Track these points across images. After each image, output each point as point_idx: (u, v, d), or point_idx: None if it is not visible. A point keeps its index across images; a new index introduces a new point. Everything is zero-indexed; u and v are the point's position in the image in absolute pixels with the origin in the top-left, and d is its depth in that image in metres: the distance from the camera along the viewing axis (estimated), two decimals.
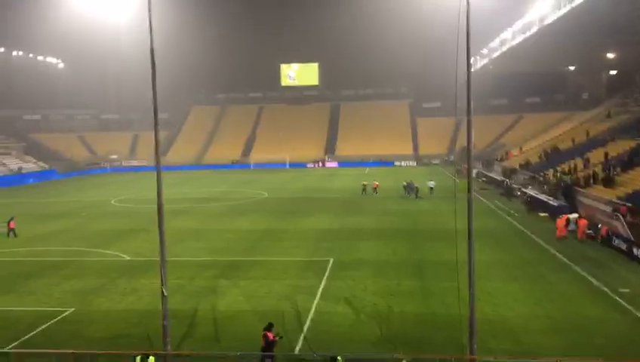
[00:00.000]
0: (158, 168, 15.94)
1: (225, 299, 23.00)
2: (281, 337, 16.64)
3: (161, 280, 15.76)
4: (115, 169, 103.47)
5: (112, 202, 55.95)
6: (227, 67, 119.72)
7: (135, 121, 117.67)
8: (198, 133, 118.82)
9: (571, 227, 34.08)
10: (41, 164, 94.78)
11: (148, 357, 14.98)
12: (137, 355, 15.19)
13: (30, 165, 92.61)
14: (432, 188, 55.09)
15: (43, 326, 20.33)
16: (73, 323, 20.78)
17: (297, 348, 17.93)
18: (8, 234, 37.32)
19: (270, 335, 16.34)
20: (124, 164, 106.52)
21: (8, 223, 37.74)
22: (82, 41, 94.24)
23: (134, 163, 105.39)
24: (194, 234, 37.53)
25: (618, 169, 42.58)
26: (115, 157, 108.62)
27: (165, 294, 15.60)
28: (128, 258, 30.99)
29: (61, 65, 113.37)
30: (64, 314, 21.64)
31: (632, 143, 48.33)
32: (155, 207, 17.45)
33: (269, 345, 16.22)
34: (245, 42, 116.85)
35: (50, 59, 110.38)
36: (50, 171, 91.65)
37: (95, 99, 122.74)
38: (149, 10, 15.17)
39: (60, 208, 52.44)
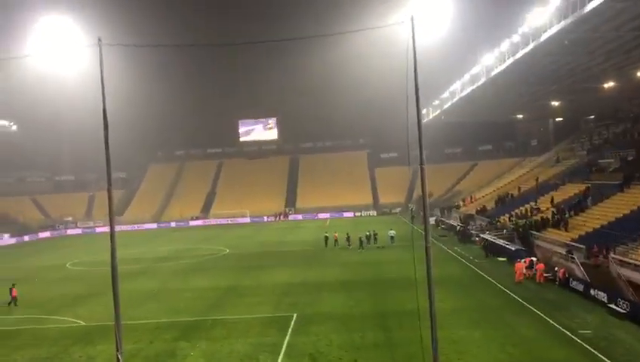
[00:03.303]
0: (112, 227, 15.59)
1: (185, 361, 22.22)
2: None
3: (116, 346, 15.16)
4: (70, 231, 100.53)
5: (67, 266, 54.05)
6: (185, 124, 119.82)
7: (91, 182, 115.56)
8: (156, 191, 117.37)
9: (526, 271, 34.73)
10: None
11: None
12: None
13: None
14: (392, 237, 55.36)
15: None
16: None
17: None
18: (10, 303, 35.11)
19: None
20: (79, 225, 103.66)
21: (10, 291, 35.48)
22: (36, 102, 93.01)
23: (90, 224, 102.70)
24: (153, 295, 36.48)
25: (571, 212, 43.91)
26: (69, 218, 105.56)
27: (120, 360, 14.98)
28: (84, 323, 29.76)
29: (14, 127, 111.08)
30: None
31: (582, 187, 50.14)
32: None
33: None
34: (203, 99, 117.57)
35: (2, 122, 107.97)
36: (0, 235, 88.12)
37: (49, 160, 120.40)
38: (101, 66, 15.21)
39: (11, 274, 50.11)
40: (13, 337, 27.49)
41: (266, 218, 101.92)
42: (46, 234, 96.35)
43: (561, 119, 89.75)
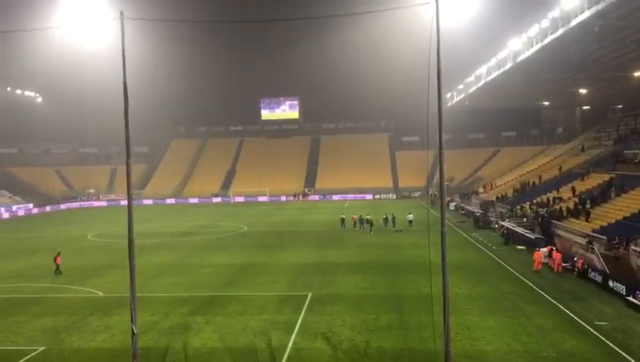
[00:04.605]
0: (129, 200, 15.75)
1: (199, 336, 22.49)
2: None
3: (131, 318, 15.40)
4: (92, 203, 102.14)
5: (89, 237, 55.03)
6: (208, 101, 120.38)
7: (114, 155, 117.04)
8: (177, 166, 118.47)
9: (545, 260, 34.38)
10: (17, 198, 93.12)
11: None
12: None
13: (5, 199, 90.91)
14: (410, 221, 55.25)
15: None
16: None
17: None
18: (56, 271, 36.10)
19: None
20: (102, 197, 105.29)
21: (55, 259, 36.49)
22: (61, 75, 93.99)
23: (112, 196, 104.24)
24: (171, 268, 37.00)
25: (593, 202, 43.21)
26: (92, 191, 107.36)
27: (135, 332, 15.22)
28: (102, 294, 30.33)
29: (39, 99, 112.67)
30: (33, 354, 20.94)
31: (606, 177, 49.26)
32: None
33: None
34: (226, 77, 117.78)
35: (29, 93, 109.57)
36: (25, 205, 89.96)
37: (74, 133, 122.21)
38: (122, 40, 15.23)
39: (34, 243, 51.39)
40: (32, 305, 28.13)
41: (285, 197, 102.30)
42: (69, 205, 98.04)
43: (587, 107, 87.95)
